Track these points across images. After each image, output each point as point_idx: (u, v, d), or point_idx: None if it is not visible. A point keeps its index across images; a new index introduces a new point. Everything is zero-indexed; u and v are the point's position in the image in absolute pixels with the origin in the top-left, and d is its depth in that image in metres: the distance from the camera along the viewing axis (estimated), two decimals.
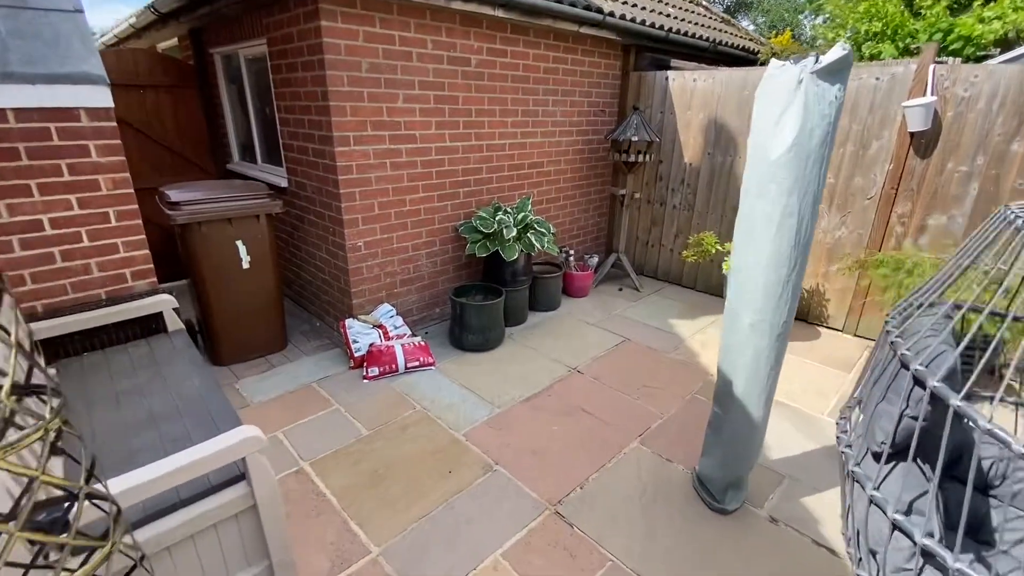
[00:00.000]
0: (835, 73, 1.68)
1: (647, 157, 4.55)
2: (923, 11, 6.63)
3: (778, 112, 1.76)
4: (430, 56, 3.36)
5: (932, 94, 3.35)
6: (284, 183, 3.82)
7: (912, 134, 3.48)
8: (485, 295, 3.82)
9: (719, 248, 4.13)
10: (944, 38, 6.28)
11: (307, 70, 3.10)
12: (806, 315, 4.23)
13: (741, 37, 6.87)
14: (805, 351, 3.78)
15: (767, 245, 1.86)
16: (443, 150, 3.65)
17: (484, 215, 3.79)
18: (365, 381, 3.25)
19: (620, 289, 4.97)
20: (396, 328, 3.54)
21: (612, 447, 2.69)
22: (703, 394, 3.19)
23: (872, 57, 6.85)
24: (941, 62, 3.33)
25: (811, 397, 3.19)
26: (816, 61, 1.67)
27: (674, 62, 5.08)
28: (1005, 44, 6.00)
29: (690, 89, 4.54)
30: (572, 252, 4.80)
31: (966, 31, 6.07)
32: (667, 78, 4.67)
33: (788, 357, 3.45)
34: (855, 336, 4.06)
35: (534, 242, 3.75)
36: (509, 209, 3.93)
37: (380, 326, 3.48)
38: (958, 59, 3.89)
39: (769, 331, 1.97)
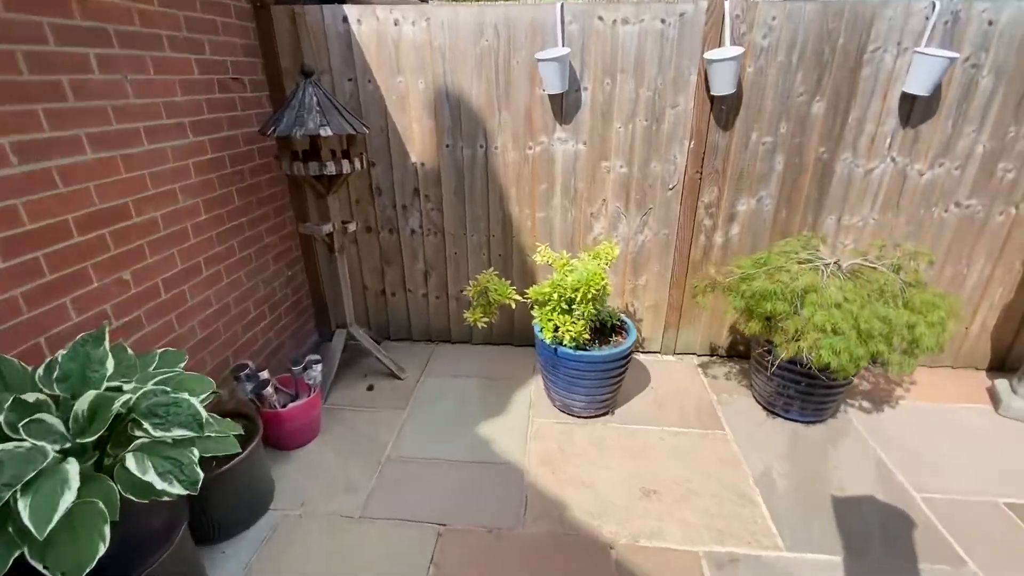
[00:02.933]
0: None
1: (353, 163, 2.53)
2: None
3: None
4: None
5: (734, 42, 2.48)
6: None
7: (713, 99, 2.61)
8: None
9: (516, 297, 2.60)
10: None
11: None
12: None
13: None
14: (644, 401, 2.74)
15: None
16: None
17: None
18: None
19: (370, 388, 2.95)
20: None
21: None
22: None
23: None
24: None
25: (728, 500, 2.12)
26: None
27: None
28: None
29: (392, 39, 2.66)
30: (258, 373, 2.43)
31: None
32: (346, 18, 2.65)
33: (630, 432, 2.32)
34: (676, 355, 3.29)
35: (149, 480, 1.33)
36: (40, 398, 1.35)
37: None
38: None
39: None
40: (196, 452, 1.33)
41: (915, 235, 2.81)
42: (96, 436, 1.25)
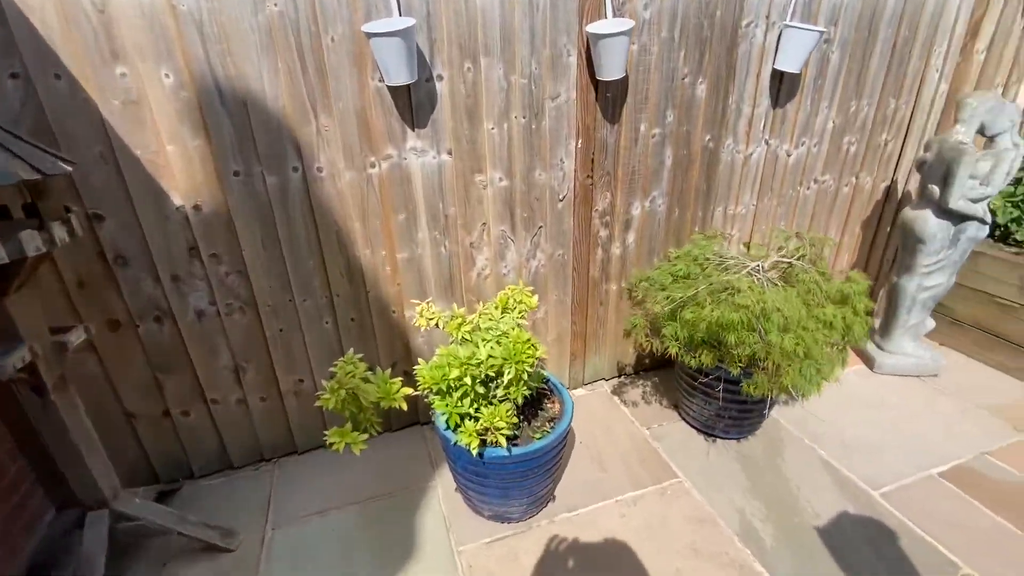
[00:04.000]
0: None
1: (50, 229, 1.33)
2: None
3: None
4: None
5: (615, 13, 1.99)
6: None
7: (597, 85, 2.10)
8: None
9: (408, 392, 1.73)
10: None
11: None
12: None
13: None
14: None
15: None
16: None
17: None
18: None
19: None
20: None
21: None
22: None
23: None
24: None
25: None
26: None
27: None
28: None
29: (94, 2, 1.49)
30: None
31: None
32: None
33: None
34: (586, 386, 2.82)
35: None
36: None
37: None
38: None
39: None
40: None
41: (785, 216, 2.78)
42: None
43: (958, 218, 2.43)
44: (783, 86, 2.41)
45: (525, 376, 1.61)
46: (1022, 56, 2.81)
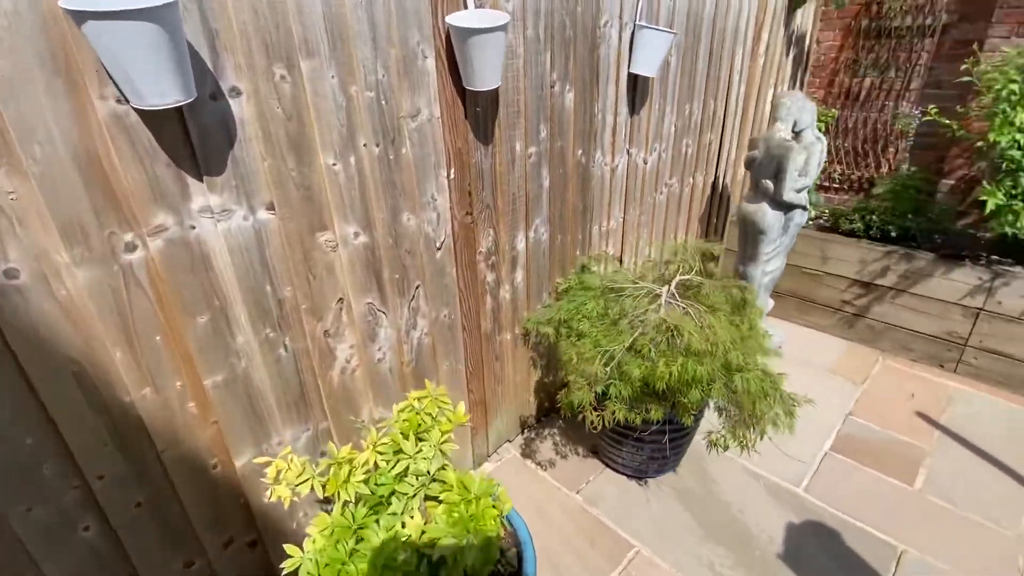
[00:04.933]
0: None
1: None
2: None
3: None
4: None
5: (476, 3, 1.51)
6: None
7: (465, 97, 1.60)
8: None
9: None
10: None
11: None
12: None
13: None
14: None
15: None
16: None
17: None
18: None
19: None
20: None
21: None
22: None
23: None
24: None
25: None
26: None
27: None
28: None
29: None
30: None
31: None
32: None
33: None
34: (491, 459, 2.32)
35: None
36: None
37: None
38: None
39: None
40: None
41: (647, 224, 2.71)
42: None
43: (787, 207, 2.64)
44: (637, 92, 2.27)
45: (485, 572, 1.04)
46: (781, 59, 3.26)
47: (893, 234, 2.92)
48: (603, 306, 1.88)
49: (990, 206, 2.35)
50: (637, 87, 2.26)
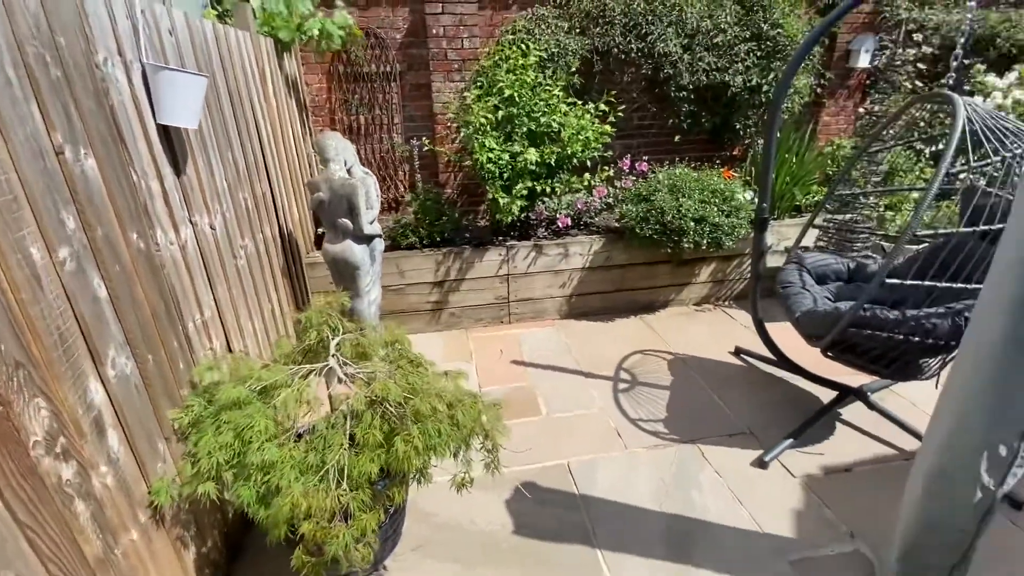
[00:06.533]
0: None
1: None
2: None
3: None
4: None
5: None
6: None
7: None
8: None
9: None
10: None
11: None
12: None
13: None
14: None
15: None
16: None
17: None
18: None
19: None
20: None
21: None
22: None
23: None
24: None
25: None
26: None
27: None
28: None
29: None
30: None
31: None
32: None
33: None
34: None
35: None
36: None
37: None
38: None
39: None
40: None
41: (241, 297, 2.25)
42: None
43: (369, 239, 2.77)
44: (175, 146, 1.77)
45: None
46: (287, 99, 3.28)
47: (438, 239, 3.57)
48: (273, 414, 1.46)
49: (498, 200, 3.23)
50: (172, 140, 1.76)
